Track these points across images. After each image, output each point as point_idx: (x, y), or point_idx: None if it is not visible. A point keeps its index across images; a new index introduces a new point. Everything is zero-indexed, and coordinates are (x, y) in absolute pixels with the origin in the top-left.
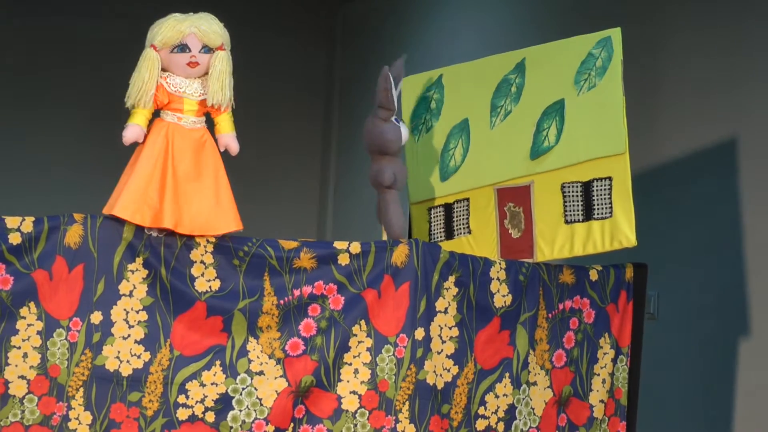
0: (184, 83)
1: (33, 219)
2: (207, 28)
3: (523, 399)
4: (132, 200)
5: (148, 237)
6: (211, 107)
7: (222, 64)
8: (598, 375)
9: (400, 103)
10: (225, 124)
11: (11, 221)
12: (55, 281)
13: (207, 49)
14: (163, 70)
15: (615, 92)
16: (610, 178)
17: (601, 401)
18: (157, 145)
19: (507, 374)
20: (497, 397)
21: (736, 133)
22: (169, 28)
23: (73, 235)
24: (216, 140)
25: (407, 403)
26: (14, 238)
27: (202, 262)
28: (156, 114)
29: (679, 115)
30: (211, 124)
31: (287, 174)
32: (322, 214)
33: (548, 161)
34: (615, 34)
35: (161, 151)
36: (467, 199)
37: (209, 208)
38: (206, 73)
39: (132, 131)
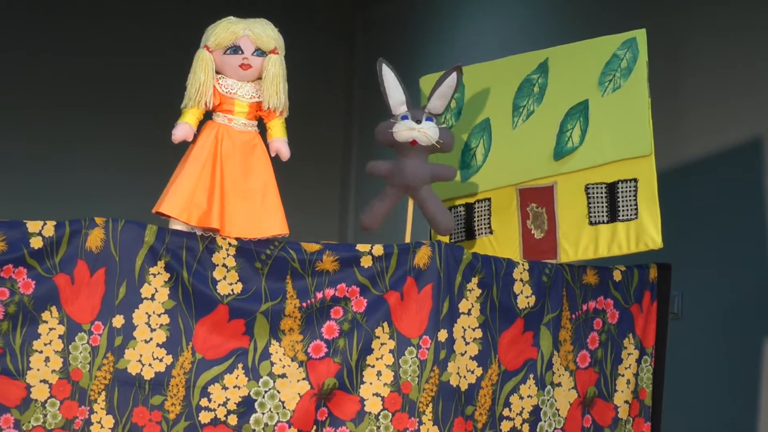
0: (236, 85)
1: (54, 223)
2: (261, 31)
3: (548, 400)
4: (179, 199)
5: (170, 240)
6: (266, 111)
7: (275, 67)
8: (623, 375)
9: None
10: (277, 129)
11: (33, 225)
12: (77, 285)
13: (260, 53)
14: (216, 72)
15: (640, 93)
16: (635, 180)
17: (626, 402)
18: (206, 146)
19: (531, 375)
20: (522, 398)
21: (761, 133)
22: (222, 30)
23: (94, 239)
24: (267, 145)
25: (430, 404)
26: (36, 243)
27: (224, 265)
28: (208, 116)
29: (703, 115)
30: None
31: (308, 175)
32: (342, 216)
33: (572, 162)
34: (640, 35)
35: (210, 152)
36: (489, 199)
37: (254, 211)
38: (258, 77)
39: (182, 129)
